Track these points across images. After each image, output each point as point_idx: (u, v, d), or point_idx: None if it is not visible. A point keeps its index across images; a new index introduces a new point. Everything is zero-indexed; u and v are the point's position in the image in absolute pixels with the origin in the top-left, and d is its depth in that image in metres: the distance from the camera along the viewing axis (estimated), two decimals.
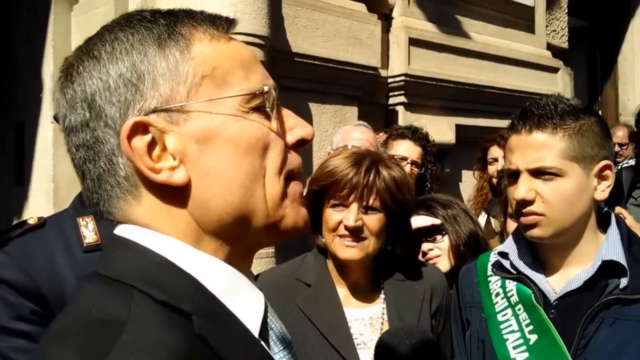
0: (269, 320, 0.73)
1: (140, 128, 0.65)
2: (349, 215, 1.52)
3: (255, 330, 0.68)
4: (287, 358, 0.74)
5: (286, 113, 0.75)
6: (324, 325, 1.53)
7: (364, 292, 1.63)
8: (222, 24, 0.72)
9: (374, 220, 1.54)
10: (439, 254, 1.99)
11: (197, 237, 0.68)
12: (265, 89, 0.70)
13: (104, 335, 0.59)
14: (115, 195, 0.68)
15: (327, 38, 3.25)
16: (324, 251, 1.66)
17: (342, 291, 1.62)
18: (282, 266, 1.76)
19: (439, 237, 2.01)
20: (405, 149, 2.80)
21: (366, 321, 1.58)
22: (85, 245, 1.39)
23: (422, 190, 2.76)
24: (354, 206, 1.52)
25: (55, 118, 1.58)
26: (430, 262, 1.94)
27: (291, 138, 0.73)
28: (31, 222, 1.44)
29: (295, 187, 0.73)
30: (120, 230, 0.70)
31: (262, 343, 0.69)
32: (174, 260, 0.66)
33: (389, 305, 1.59)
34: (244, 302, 0.69)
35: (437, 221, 2.01)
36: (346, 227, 1.52)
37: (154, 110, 0.66)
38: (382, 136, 2.98)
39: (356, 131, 2.54)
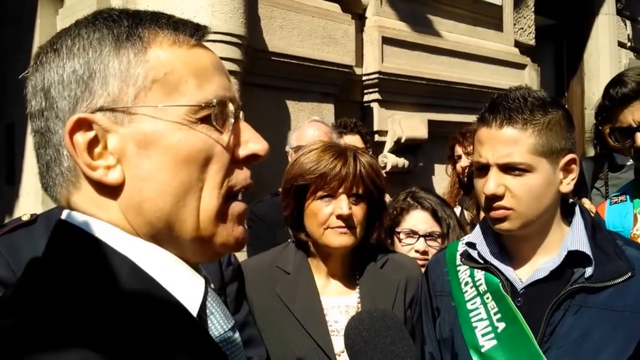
0: (209, 305, 0.74)
1: (85, 124, 0.66)
2: (342, 205, 1.54)
3: (193, 311, 0.69)
4: (230, 340, 0.76)
5: (244, 126, 0.73)
6: (300, 312, 1.56)
7: (342, 281, 1.66)
8: (187, 30, 0.71)
9: (360, 209, 1.58)
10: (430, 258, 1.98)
11: (133, 232, 0.68)
12: (214, 101, 0.69)
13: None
14: (59, 183, 0.70)
15: (303, 37, 3.28)
16: (303, 245, 1.68)
17: (320, 280, 1.65)
18: (264, 254, 1.77)
19: (433, 243, 2.01)
20: (348, 141, 2.82)
21: (342, 309, 1.61)
22: None
23: None
24: (344, 196, 1.55)
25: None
26: (419, 263, 1.94)
27: (242, 152, 0.72)
28: (24, 218, 1.44)
29: (234, 206, 0.71)
30: (68, 216, 0.71)
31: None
32: (113, 244, 0.67)
33: (364, 295, 1.62)
34: (183, 285, 0.69)
35: (438, 230, 2.03)
36: (340, 217, 1.54)
37: (101, 109, 0.66)
38: None
39: (311, 128, 2.54)
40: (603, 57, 6.44)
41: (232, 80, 0.78)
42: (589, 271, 1.29)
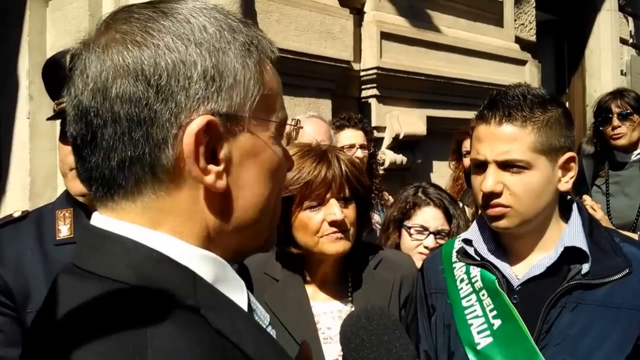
0: (251, 303, 0.75)
1: (210, 127, 0.64)
2: (334, 210, 1.48)
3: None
4: (273, 333, 0.77)
5: (283, 142, 0.78)
6: (289, 321, 1.50)
7: (333, 285, 1.60)
8: (274, 51, 0.74)
9: (351, 211, 1.53)
10: None
11: (200, 239, 0.67)
12: (285, 119, 0.74)
13: (130, 342, 0.56)
14: (144, 184, 0.64)
15: (300, 32, 3.27)
16: (294, 256, 1.59)
17: (310, 286, 1.59)
18: (251, 259, 1.71)
19: (442, 241, 1.98)
20: (350, 137, 2.86)
21: (335, 314, 1.56)
22: (57, 238, 1.38)
23: (371, 169, 2.86)
24: (334, 201, 1.49)
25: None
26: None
27: (289, 165, 0.78)
28: (16, 215, 1.45)
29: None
30: (103, 223, 0.66)
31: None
32: (169, 254, 0.64)
33: (357, 298, 1.57)
34: (234, 288, 0.70)
35: (447, 228, 2.02)
36: (334, 223, 1.48)
37: (220, 113, 0.65)
38: None
39: (308, 124, 2.51)
40: (605, 53, 6.43)
41: None
42: (585, 267, 1.28)
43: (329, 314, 1.57)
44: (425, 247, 1.99)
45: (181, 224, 0.66)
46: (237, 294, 0.70)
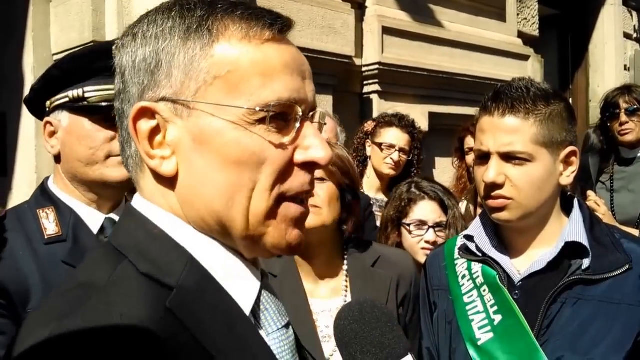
0: (264, 301, 0.74)
1: (148, 113, 0.67)
2: None
3: (247, 308, 0.69)
4: (283, 338, 0.75)
5: (309, 131, 0.70)
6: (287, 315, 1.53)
7: (331, 283, 1.61)
8: (263, 22, 0.68)
9: (322, 189, 1.55)
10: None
11: (190, 222, 0.69)
12: (273, 102, 0.66)
13: (74, 298, 0.61)
14: (130, 164, 0.72)
15: (301, 27, 3.24)
16: None
17: (309, 282, 1.60)
18: None
19: (442, 233, 2.00)
20: (393, 137, 2.85)
21: (333, 312, 1.54)
22: (46, 237, 1.37)
23: (407, 176, 2.80)
24: None
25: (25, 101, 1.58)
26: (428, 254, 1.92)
27: (300, 157, 0.69)
28: None
29: (287, 208, 0.69)
30: (135, 201, 0.73)
31: (252, 321, 0.71)
32: (173, 235, 0.68)
33: (354, 296, 1.57)
34: (239, 283, 0.70)
35: (445, 219, 2.02)
36: None
37: (163, 99, 0.66)
38: (371, 124, 3.01)
39: None
40: (608, 48, 6.40)
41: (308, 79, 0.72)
42: (586, 263, 1.28)
43: (327, 312, 1.57)
44: (427, 242, 1.99)
45: (166, 205, 0.70)
46: (241, 289, 0.70)
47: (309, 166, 0.70)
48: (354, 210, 1.68)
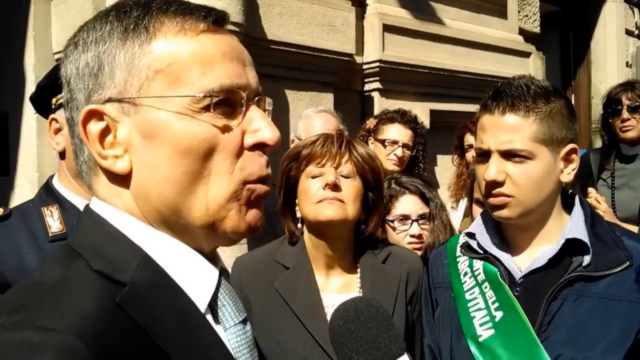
0: (221, 297, 0.74)
1: (96, 115, 0.68)
2: (328, 175, 1.55)
3: (202, 304, 0.70)
4: (240, 333, 0.75)
5: (254, 114, 0.72)
6: (300, 309, 1.53)
7: (342, 278, 1.63)
8: (196, 15, 0.71)
9: (350, 185, 1.57)
10: (424, 241, 2.00)
11: (146, 221, 0.71)
12: (215, 89, 0.68)
13: (26, 294, 0.63)
14: (84, 170, 0.74)
15: (302, 25, 3.25)
16: (296, 240, 1.67)
17: (320, 276, 1.62)
18: (261, 249, 1.75)
19: (425, 226, 2.01)
20: (396, 132, 2.83)
21: None
22: (50, 235, 1.38)
23: (413, 171, 2.80)
24: (331, 168, 1.57)
25: (30, 99, 1.59)
26: (414, 247, 1.95)
27: (249, 140, 0.71)
28: None
29: (247, 191, 0.71)
30: (92, 203, 0.75)
31: (209, 316, 0.71)
32: (128, 233, 0.69)
33: (366, 292, 1.58)
34: (195, 279, 0.71)
35: (427, 211, 2.03)
36: (326, 185, 1.54)
37: (109, 100, 0.68)
38: (373, 121, 3.00)
39: (318, 119, 2.51)
40: (610, 45, 6.38)
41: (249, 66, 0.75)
42: (586, 259, 1.28)
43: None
44: (412, 236, 1.99)
45: (120, 204, 0.71)
46: (197, 284, 0.71)
47: (259, 147, 0.72)
48: (377, 210, 1.70)
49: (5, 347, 0.55)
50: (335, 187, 1.55)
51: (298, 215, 1.67)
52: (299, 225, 1.67)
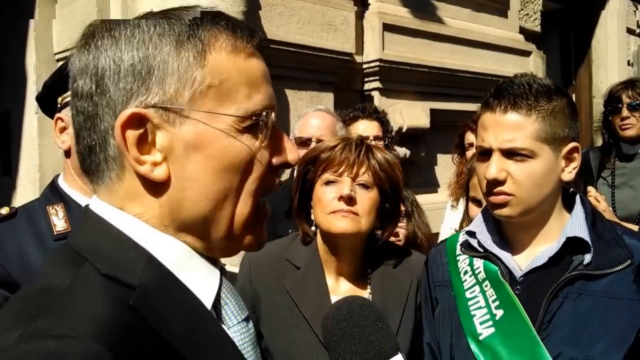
0: (223, 296, 0.76)
1: (137, 119, 0.67)
2: (343, 186, 1.51)
3: (208, 304, 0.71)
4: (243, 331, 0.77)
5: (280, 135, 0.76)
6: (309, 310, 1.51)
7: (352, 282, 1.61)
8: (245, 35, 0.72)
9: (366, 197, 1.53)
10: (401, 238, 1.98)
11: (163, 224, 0.71)
12: (264, 113, 0.71)
13: (39, 303, 0.62)
14: (102, 169, 0.71)
15: (302, 24, 3.24)
16: (309, 241, 1.64)
17: (330, 279, 1.60)
18: (272, 244, 1.72)
19: (402, 224, 1.98)
20: (363, 128, 2.78)
21: None
22: (55, 233, 1.38)
23: None
24: (348, 179, 1.52)
25: (37, 99, 1.58)
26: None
27: (277, 161, 0.75)
28: (3, 212, 1.44)
29: (264, 211, 0.76)
30: (93, 204, 0.73)
31: (214, 315, 0.73)
32: (132, 236, 0.69)
33: (375, 296, 1.57)
34: (199, 278, 0.72)
35: (402, 208, 2.00)
36: (341, 197, 1.50)
37: (154, 106, 0.67)
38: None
39: (315, 118, 2.49)
40: (611, 44, 6.36)
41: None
42: (587, 258, 1.28)
43: None
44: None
45: (139, 208, 0.70)
46: (202, 284, 0.72)
47: (282, 167, 0.76)
48: (393, 218, 1.66)
49: (31, 356, 0.55)
50: (350, 201, 1.51)
51: (312, 217, 1.65)
52: (313, 228, 1.65)
